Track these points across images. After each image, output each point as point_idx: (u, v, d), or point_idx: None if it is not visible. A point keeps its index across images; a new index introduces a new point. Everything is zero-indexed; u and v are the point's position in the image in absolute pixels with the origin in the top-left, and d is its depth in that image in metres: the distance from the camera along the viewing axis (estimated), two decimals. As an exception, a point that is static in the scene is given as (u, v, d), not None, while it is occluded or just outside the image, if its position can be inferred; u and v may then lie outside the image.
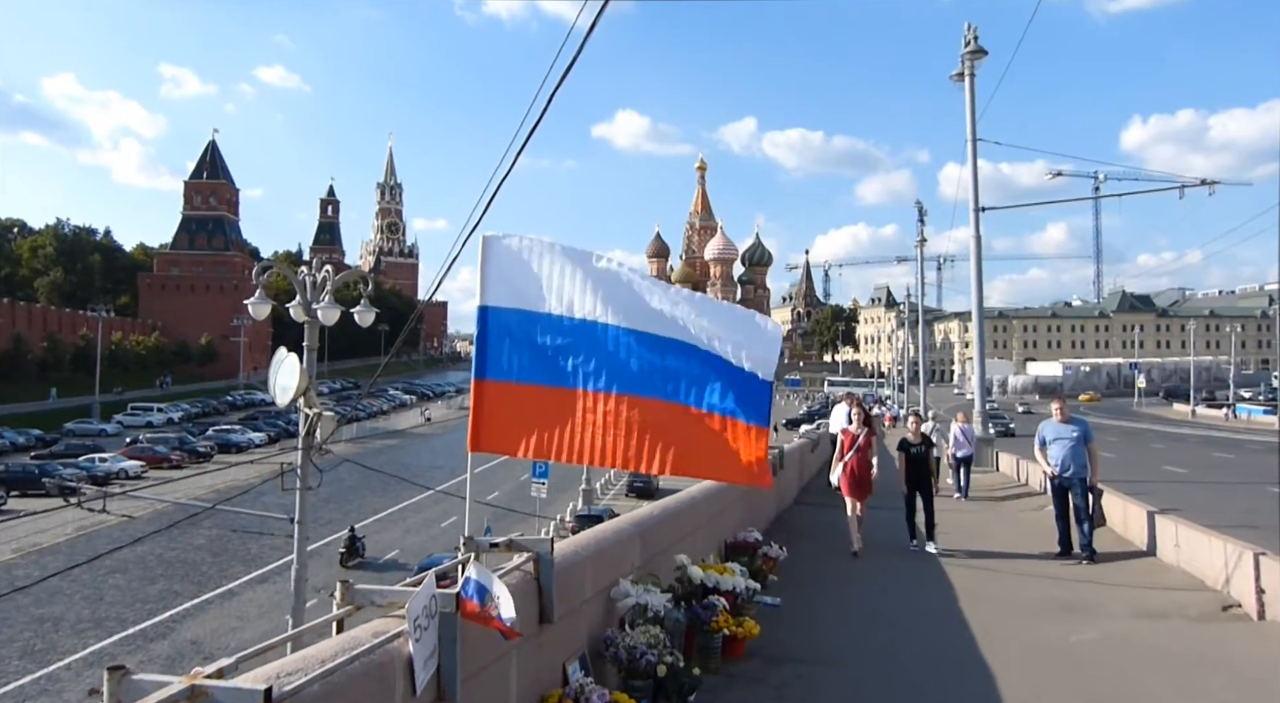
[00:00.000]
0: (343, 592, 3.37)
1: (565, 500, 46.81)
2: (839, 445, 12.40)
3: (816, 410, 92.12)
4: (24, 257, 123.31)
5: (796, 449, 19.70)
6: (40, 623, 29.16)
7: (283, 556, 21.55)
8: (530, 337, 4.16)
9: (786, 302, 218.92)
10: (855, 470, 11.95)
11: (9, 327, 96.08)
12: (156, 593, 32.82)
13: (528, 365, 4.16)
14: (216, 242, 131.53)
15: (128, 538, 32.37)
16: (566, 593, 4.55)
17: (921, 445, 12.69)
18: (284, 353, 15.27)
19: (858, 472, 11.95)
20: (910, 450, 12.60)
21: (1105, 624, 8.22)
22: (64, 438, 71.01)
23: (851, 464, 11.97)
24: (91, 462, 57.42)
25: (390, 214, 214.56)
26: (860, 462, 11.98)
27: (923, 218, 55.94)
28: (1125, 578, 10.24)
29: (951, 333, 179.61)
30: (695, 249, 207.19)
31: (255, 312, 17.83)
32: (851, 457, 11.99)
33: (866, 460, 12.02)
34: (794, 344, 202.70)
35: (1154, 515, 11.64)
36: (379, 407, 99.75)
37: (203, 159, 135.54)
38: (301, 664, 2.66)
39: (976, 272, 26.64)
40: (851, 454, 12.01)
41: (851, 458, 11.99)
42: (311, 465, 16.13)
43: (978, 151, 26.33)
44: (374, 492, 47.96)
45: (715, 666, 6.26)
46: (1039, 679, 6.65)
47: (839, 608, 9.00)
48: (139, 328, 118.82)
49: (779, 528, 13.36)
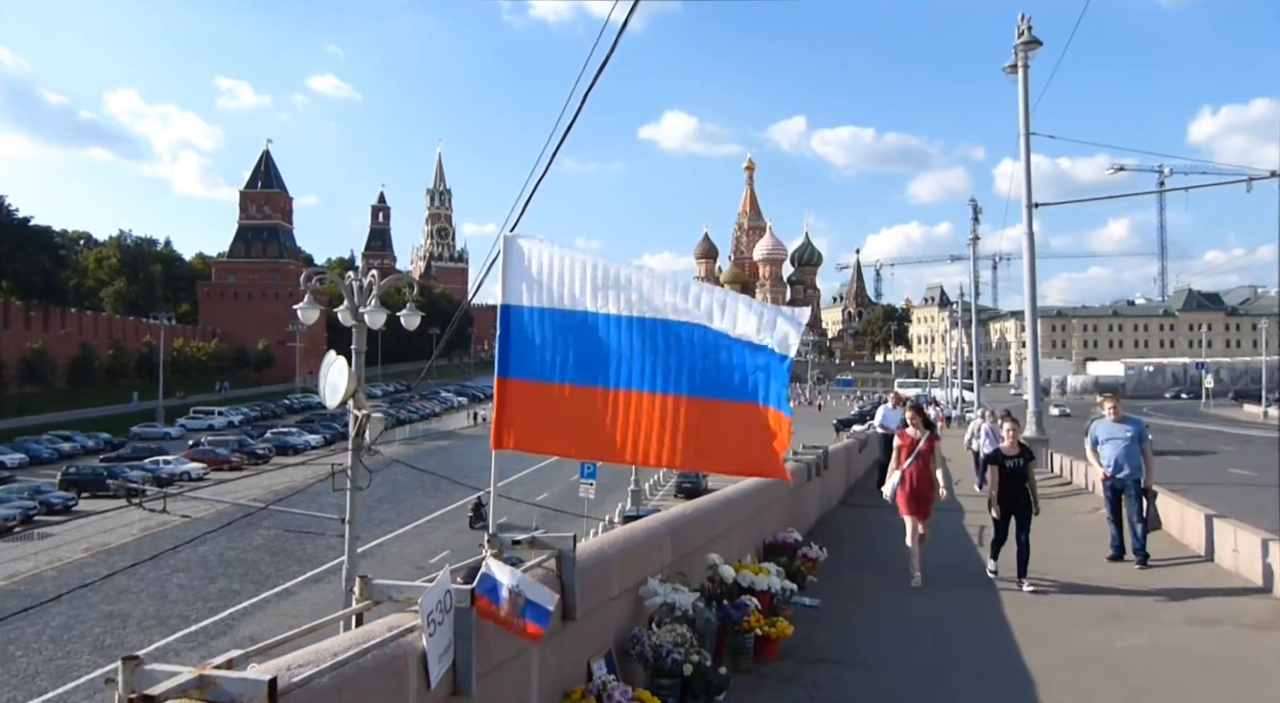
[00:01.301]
0: (361, 587, 3.43)
1: (614, 501, 46.89)
2: (895, 451, 10.45)
3: (869, 411, 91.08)
4: (90, 268, 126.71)
5: (843, 449, 19.56)
6: (109, 619, 30.13)
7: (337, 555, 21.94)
8: (551, 335, 4.19)
9: (837, 302, 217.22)
10: (914, 483, 10.10)
11: (77, 335, 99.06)
12: (217, 592, 33.59)
13: (549, 363, 4.19)
14: (272, 250, 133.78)
15: (189, 538, 33.14)
16: (591, 591, 4.57)
17: (1020, 457, 10.19)
18: (333, 356, 15.54)
19: (917, 485, 10.11)
20: (1006, 464, 10.16)
21: (1156, 631, 8.03)
22: (130, 441, 72.92)
23: (910, 475, 10.11)
24: (156, 464, 59.01)
25: (440, 219, 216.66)
26: (920, 473, 10.12)
27: (977, 216, 55.34)
28: (1179, 583, 9.97)
29: (1007, 332, 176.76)
30: (744, 250, 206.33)
31: (304, 316, 18.23)
32: (910, 465, 10.11)
33: (928, 472, 10.16)
34: (845, 345, 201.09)
35: (1212, 519, 11.31)
36: (431, 409, 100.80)
37: (257, 169, 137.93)
38: (313, 657, 2.72)
39: (1030, 269, 26.26)
40: (910, 462, 10.11)
41: (910, 467, 10.11)
42: (361, 466, 16.42)
43: (1031, 146, 25.96)
44: (426, 492, 48.48)
45: (747, 665, 6.24)
46: (1082, 687, 6.52)
47: (878, 611, 8.91)
48: (199, 335, 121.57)
49: (822, 529, 13.26)
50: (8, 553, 38.95)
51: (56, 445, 68.52)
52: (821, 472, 14.84)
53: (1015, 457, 10.19)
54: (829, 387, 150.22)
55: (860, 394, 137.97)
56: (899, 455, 10.20)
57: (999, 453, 10.39)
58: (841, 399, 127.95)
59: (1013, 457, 10.20)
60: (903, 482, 10.11)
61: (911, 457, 10.10)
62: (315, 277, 19.32)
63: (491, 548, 3.97)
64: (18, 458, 63.11)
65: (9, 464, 61.22)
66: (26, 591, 32.08)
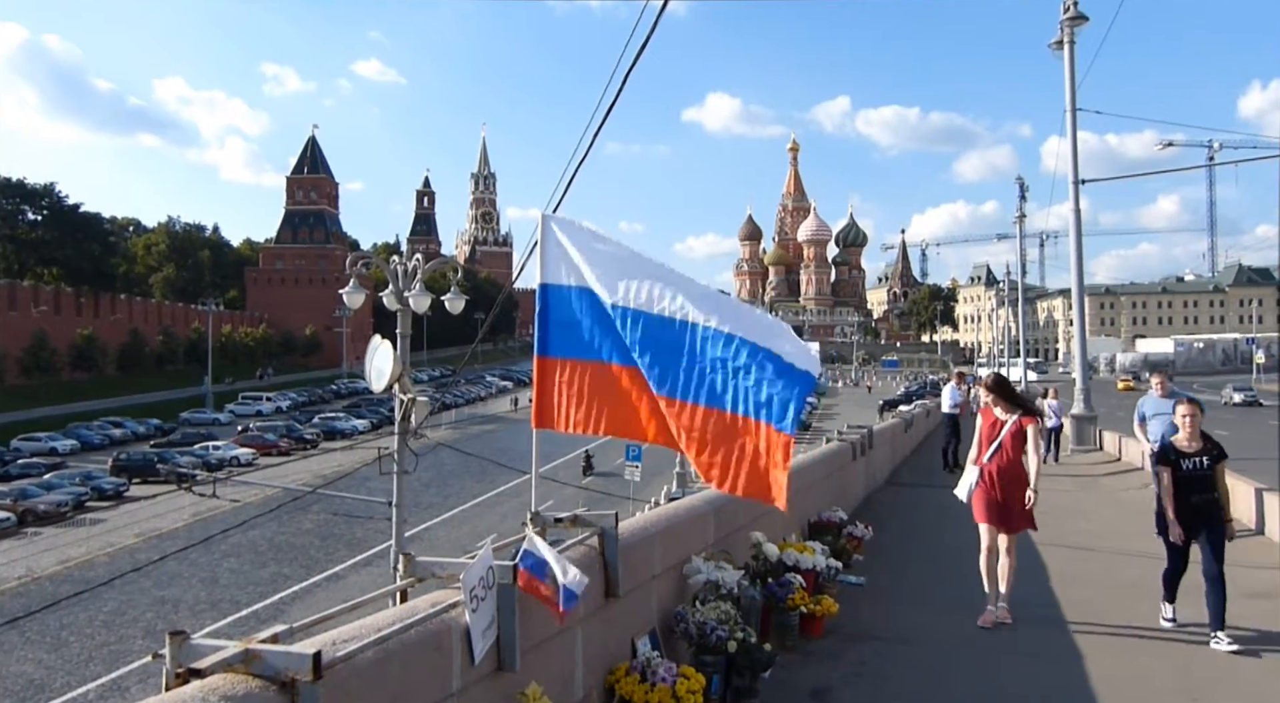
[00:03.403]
0: (405, 564, 3.45)
1: (659, 484, 46.99)
2: (977, 437, 7.55)
3: (915, 391, 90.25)
4: (139, 254, 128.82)
5: (888, 429, 19.40)
6: (161, 604, 30.63)
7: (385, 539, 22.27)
8: (589, 313, 4.17)
9: (882, 282, 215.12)
10: (996, 482, 7.24)
11: (127, 321, 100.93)
12: (268, 576, 34.09)
13: (588, 342, 4.18)
14: (318, 235, 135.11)
15: (239, 523, 33.69)
16: (634, 569, 4.57)
17: (1204, 455, 6.98)
18: (378, 340, 15.67)
19: (1000, 485, 7.23)
20: (1184, 465, 6.99)
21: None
22: (180, 427, 74.26)
23: (991, 471, 7.26)
24: (205, 450, 60.04)
25: (484, 204, 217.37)
26: (1007, 468, 7.24)
27: (1024, 193, 54.35)
28: (1229, 557, 9.79)
29: (1055, 310, 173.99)
30: (788, 231, 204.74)
31: (350, 301, 18.39)
32: (992, 459, 7.28)
33: (1017, 466, 7.26)
34: (891, 325, 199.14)
35: (1262, 493, 11.17)
36: (476, 393, 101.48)
37: (303, 155, 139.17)
38: (357, 632, 2.74)
39: (1076, 246, 25.88)
40: (992, 454, 7.28)
41: (992, 461, 7.28)
42: (408, 450, 16.57)
43: (1078, 123, 25.49)
44: (473, 477, 48.85)
45: (792, 643, 6.23)
46: (1128, 662, 6.43)
47: (923, 589, 8.84)
48: (247, 321, 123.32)
49: (867, 508, 13.16)
50: (60, 539, 39.86)
51: (107, 431, 69.92)
52: (866, 451, 14.72)
53: (1196, 455, 6.99)
54: (875, 368, 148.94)
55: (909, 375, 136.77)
56: (980, 444, 7.44)
57: (1173, 448, 7.11)
58: (888, 380, 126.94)
59: (1192, 454, 7.00)
60: (981, 479, 7.32)
61: (994, 446, 7.27)
62: (361, 261, 19.48)
63: (534, 526, 3.98)
64: (69, 444, 64.57)
65: (61, 450, 62.75)
66: (80, 576, 32.78)
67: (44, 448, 62.17)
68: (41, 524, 42.68)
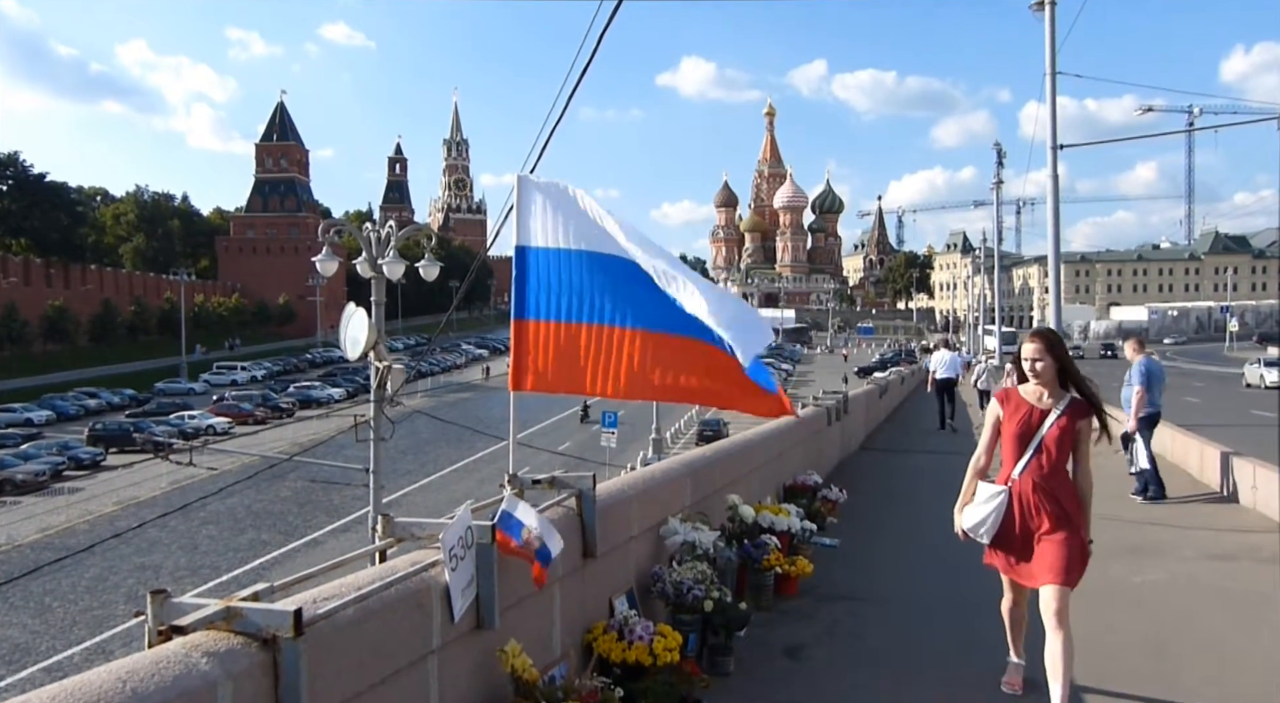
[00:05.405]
0: (384, 525, 3.48)
1: (636, 450, 47.20)
2: (987, 436, 4.78)
3: (890, 358, 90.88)
4: (107, 224, 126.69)
5: (862, 395, 19.56)
6: (142, 570, 30.80)
7: (363, 506, 22.41)
8: (565, 274, 4.19)
9: (858, 249, 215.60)
10: (1032, 508, 4.50)
11: (98, 292, 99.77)
12: (247, 542, 34.19)
13: (564, 304, 4.19)
14: (289, 203, 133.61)
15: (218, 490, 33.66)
16: (611, 530, 4.62)
17: None
18: (353, 308, 15.62)
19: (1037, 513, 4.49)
20: None
21: (1173, 566, 8.07)
22: (155, 397, 73.88)
23: (1025, 492, 4.51)
24: (181, 419, 59.87)
25: (458, 171, 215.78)
26: (1048, 486, 4.48)
27: (1001, 160, 54.53)
28: (1198, 521, 10.01)
29: (1030, 278, 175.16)
30: (764, 198, 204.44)
31: (323, 269, 18.30)
32: (1027, 471, 4.50)
33: (1065, 484, 4.54)
34: (866, 292, 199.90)
35: (1230, 457, 11.34)
36: (452, 361, 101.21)
37: (272, 121, 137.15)
38: (338, 590, 2.77)
39: (1054, 213, 25.86)
40: (1027, 464, 4.50)
41: (1026, 475, 4.50)
42: (384, 417, 16.57)
43: (1058, 87, 25.46)
44: (450, 443, 48.91)
45: (767, 603, 6.33)
46: (1099, 618, 6.55)
47: (897, 550, 8.98)
48: (219, 290, 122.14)
49: (842, 472, 13.30)
50: (39, 507, 39.79)
51: (82, 402, 69.65)
52: (841, 416, 14.86)
53: None
54: (850, 335, 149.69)
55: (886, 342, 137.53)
56: (1003, 447, 4.65)
57: None
58: (864, 347, 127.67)
59: None
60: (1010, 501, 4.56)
61: (1031, 450, 4.51)
62: (333, 229, 19.34)
63: (512, 488, 4.02)
64: (45, 415, 64.16)
65: (36, 421, 62.33)
66: (61, 543, 32.76)
67: (19, 419, 61.75)
68: (19, 493, 42.61)
